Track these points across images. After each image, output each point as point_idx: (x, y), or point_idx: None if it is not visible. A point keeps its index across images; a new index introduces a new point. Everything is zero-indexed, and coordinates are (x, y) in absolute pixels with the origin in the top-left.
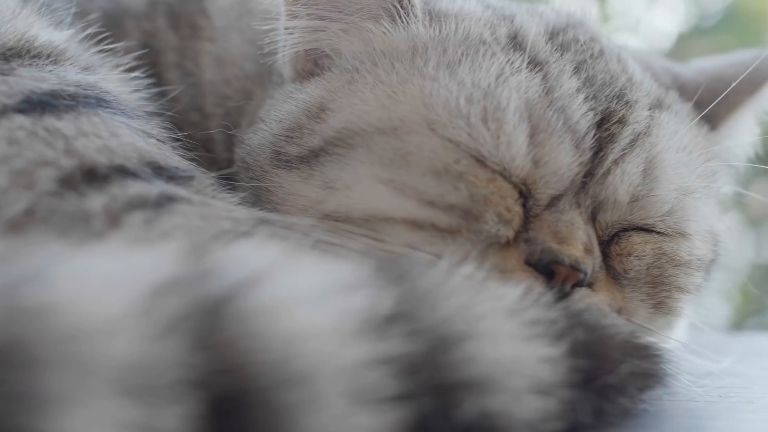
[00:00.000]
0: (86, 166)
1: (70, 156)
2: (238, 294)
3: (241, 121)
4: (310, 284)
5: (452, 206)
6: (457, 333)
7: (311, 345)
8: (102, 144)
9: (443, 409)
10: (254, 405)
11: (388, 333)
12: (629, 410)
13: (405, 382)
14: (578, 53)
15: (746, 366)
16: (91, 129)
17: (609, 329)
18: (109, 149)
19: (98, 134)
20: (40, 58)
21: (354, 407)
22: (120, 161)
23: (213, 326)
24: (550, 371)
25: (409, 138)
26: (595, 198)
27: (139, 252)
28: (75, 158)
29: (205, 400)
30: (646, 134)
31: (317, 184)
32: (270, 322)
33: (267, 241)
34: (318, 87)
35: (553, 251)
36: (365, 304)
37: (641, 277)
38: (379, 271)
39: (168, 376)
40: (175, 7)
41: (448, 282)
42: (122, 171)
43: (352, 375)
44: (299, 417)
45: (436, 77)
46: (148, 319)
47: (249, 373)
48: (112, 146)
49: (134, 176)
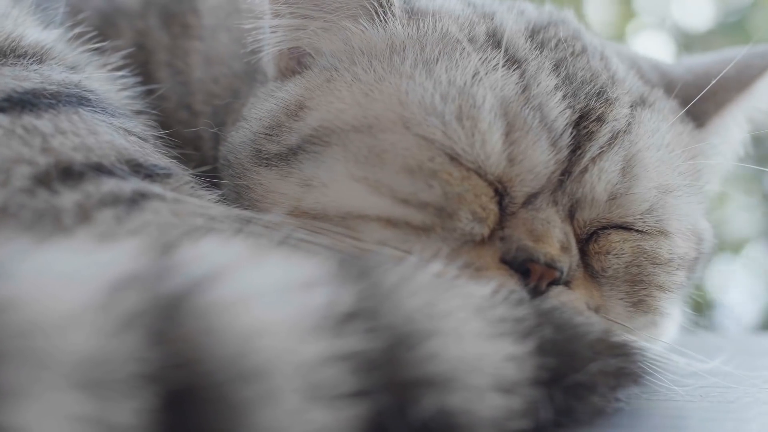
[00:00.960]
0: (62, 163)
1: (46, 154)
2: (196, 290)
3: (228, 119)
4: (270, 281)
5: (426, 204)
6: (420, 330)
7: (267, 341)
8: (79, 142)
9: (400, 406)
10: (209, 399)
11: (346, 330)
12: (602, 409)
13: (362, 379)
14: (558, 51)
15: (738, 366)
16: (70, 127)
17: (580, 327)
18: (87, 147)
19: (76, 132)
20: (25, 57)
21: (309, 403)
22: (96, 159)
23: (170, 322)
24: (514, 369)
25: (384, 136)
26: (572, 196)
27: (101, 248)
28: (51, 156)
29: (159, 395)
30: (626, 132)
31: (295, 182)
32: (227, 319)
33: (232, 238)
34: (298, 85)
35: (528, 249)
36: (324, 302)
37: (620, 276)
38: (341, 268)
39: (123, 370)
40: (168, 6)
41: (413, 279)
42: (98, 168)
43: (308, 371)
44: (254, 412)
45: (412, 75)
46: (106, 314)
47: (204, 368)
48: (90, 144)
49: (110, 174)
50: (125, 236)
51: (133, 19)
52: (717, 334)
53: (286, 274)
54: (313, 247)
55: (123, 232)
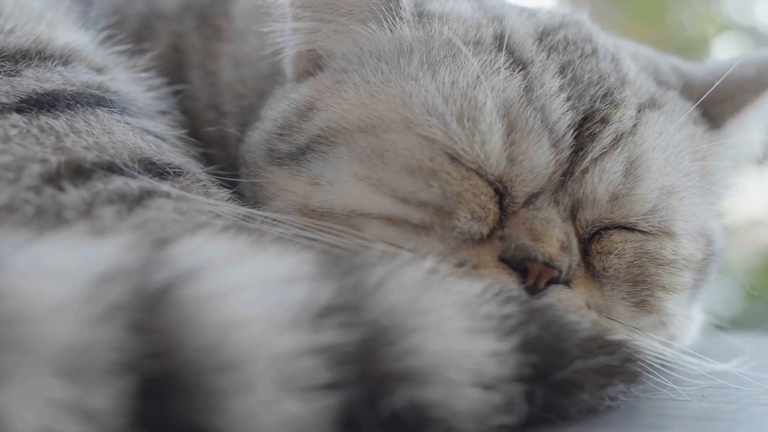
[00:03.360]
0: (73, 162)
1: (58, 152)
2: (179, 284)
3: (251, 120)
4: (252, 276)
5: (424, 203)
6: (402, 326)
7: (244, 333)
8: (93, 141)
9: (371, 398)
10: (185, 387)
11: (324, 324)
12: (594, 407)
13: (337, 372)
14: (567, 53)
15: (753, 369)
16: (85, 127)
17: (569, 325)
18: (100, 146)
19: (91, 132)
20: (51, 59)
21: (282, 394)
22: (108, 158)
23: (151, 313)
24: (496, 366)
25: (387, 136)
26: (573, 196)
27: (93, 243)
28: (63, 154)
29: (136, 382)
30: (631, 133)
31: (304, 180)
32: (206, 311)
33: (222, 234)
34: (309, 87)
35: (526, 248)
36: (303, 297)
37: (621, 276)
38: (326, 264)
39: (102, 359)
40: (204, 9)
41: (399, 276)
42: (109, 167)
43: (283, 363)
44: (228, 401)
45: (416, 77)
46: (91, 306)
47: (181, 357)
48: (103, 143)
49: (119, 172)
50: (125, 232)
51: (170, 22)
52: (740, 335)
53: (269, 269)
54: (310, 244)
55: (124, 228)
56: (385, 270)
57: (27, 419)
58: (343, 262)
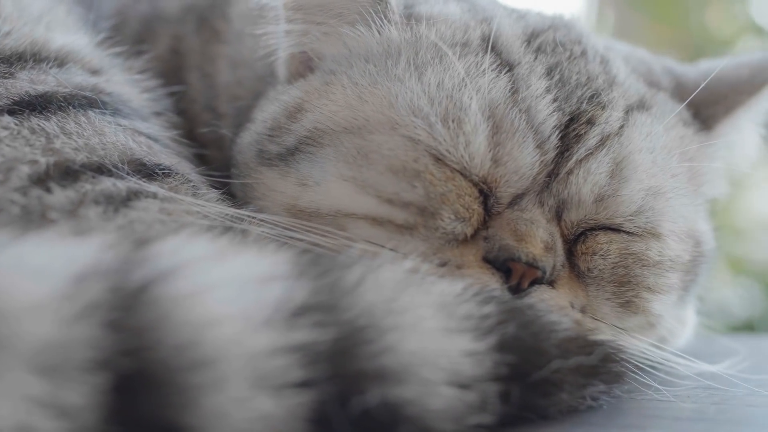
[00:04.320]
0: (62, 163)
1: (47, 153)
2: (156, 283)
3: (246, 121)
4: (229, 275)
5: (408, 204)
6: (378, 325)
7: (218, 332)
8: (83, 143)
9: (343, 396)
10: (159, 384)
11: (298, 323)
12: (573, 406)
13: (310, 370)
14: (555, 55)
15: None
16: (76, 129)
17: (548, 325)
18: (90, 147)
19: (81, 134)
20: (46, 61)
21: (256, 391)
22: (97, 159)
23: (127, 312)
24: (472, 365)
25: (372, 137)
26: (558, 197)
27: (74, 243)
28: (53, 156)
29: (110, 379)
30: (618, 135)
31: (293, 181)
32: (181, 309)
33: (202, 234)
34: (299, 89)
35: (509, 248)
36: (279, 296)
37: (605, 276)
38: (303, 264)
39: (78, 356)
40: (203, 11)
41: (377, 276)
42: (98, 168)
43: (257, 361)
44: (202, 398)
45: (403, 79)
46: (69, 304)
47: (156, 355)
48: (93, 145)
49: (108, 173)
50: (108, 232)
51: (170, 24)
52: (734, 337)
53: (246, 269)
54: (295, 244)
55: (109, 228)
56: (363, 270)
57: (3, 414)
58: (321, 262)
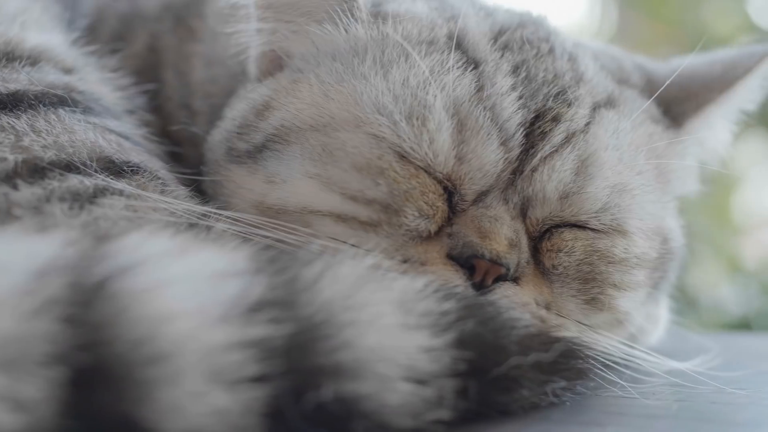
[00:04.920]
0: (30, 161)
1: (16, 151)
2: (114, 278)
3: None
4: (188, 271)
5: (372, 201)
6: (336, 320)
7: (174, 327)
8: (52, 140)
9: (297, 391)
10: (116, 378)
11: (254, 319)
12: (535, 402)
13: (266, 365)
14: (522, 52)
15: (716, 368)
16: (45, 126)
17: (508, 322)
18: (59, 145)
19: (50, 131)
20: (19, 60)
21: (211, 386)
22: (66, 156)
23: (85, 307)
24: (429, 361)
25: (337, 134)
26: (523, 194)
27: (36, 239)
28: (21, 153)
29: (67, 373)
30: (583, 132)
31: (261, 178)
32: (139, 305)
33: (163, 231)
34: (268, 87)
35: (473, 245)
36: (236, 291)
37: (570, 273)
38: (262, 260)
39: (36, 351)
40: (180, 10)
41: (335, 272)
42: (66, 165)
43: (212, 356)
44: (157, 391)
45: (368, 77)
46: (29, 299)
47: (113, 349)
48: (62, 142)
49: (76, 170)
50: (73, 228)
51: (149, 22)
52: (707, 334)
53: (205, 265)
54: (261, 241)
55: (74, 224)
56: (322, 266)
57: None
58: (280, 259)
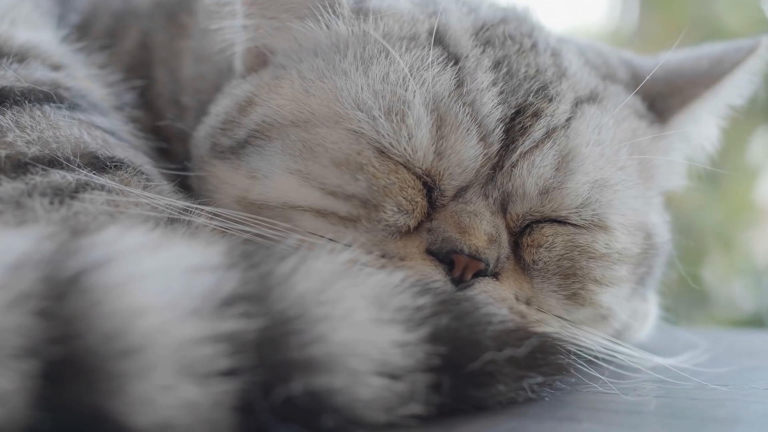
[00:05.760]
0: (13, 156)
1: (1, 147)
2: (88, 272)
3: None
4: (161, 266)
5: (351, 196)
6: (309, 315)
7: (146, 321)
8: (36, 136)
9: (267, 385)
10: (87, 371)
11: (226, 313)
12: (511, 398)
13: (236, 359)
14: (504, 48)
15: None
16: (30, 122)
17: (485, 317)
18: (43, 141)
19: (35, 127)
20: (6, 57)
21: (181, 379)
22: (49, 152)
23: (58, 301)
24: (402, 356)
25: (317, 130)
26: (503, 189)
27: (11, 233)
28: (5, 149)
29: (39, 366)
30: (564, 127)
31: (243, 174)
32: (111, 299)
33: (143, 225)
34: (251, 83)
35: (452, 240)
36: (209, 286)
37: (551, 269)
38: (236, 255)
39: (8, 344)
40: (172, 7)
41: (309, 267)
42: (50, 161)
43: (183, 350)
44: (128, 384)
45: (349, 73)
46: (3, 293)
47: (85, 342)
48: (47, 138)
49: (59, 166)
50: (52, 223)
51: (141, 19)
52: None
53: (178, 260)
54: (242, 236)
55: (52, 219)
56: (297, 261)
57: None
58: (254, 253)
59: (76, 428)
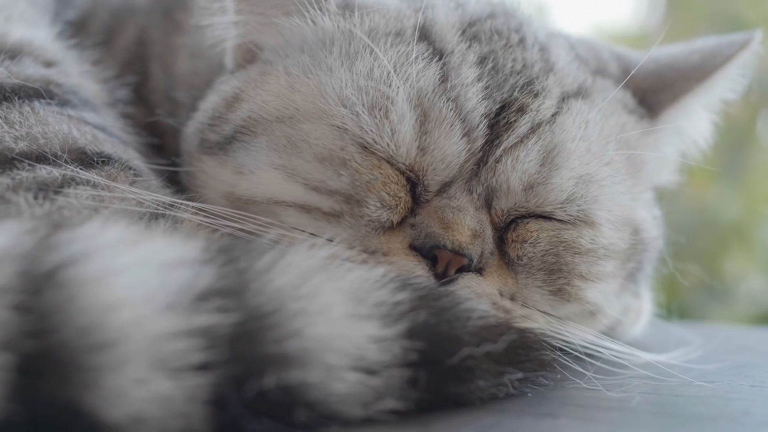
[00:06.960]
0: (1, 152)
1: None
2: (64, 267)
3: None
4: (138, 260)
5: (334, 191)
6: (285, 310)
7: (121, 315)
8: (24, 132)
9: (241, 379)
10: (62, 364)
11: (201, 308)
12: (492, 393)
13: (210, 353)
14: (490, 43)
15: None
16: (19, 118)
17: (464, 313)
18: (31, 137)
19: (24, 123)
20: None
21: (155, 373)
22: (36, 147)
23: (34, 295)
24: (378, 351)
25: (301, 126)
26: (487, 185)
27: None
28: None
29: (13, 359)
30: (550, 122)
31: (230, 169)
32: (86, 293)
33: (123, 220)
34: (238, 79)
35: (435, 236)
36: (185, 280)
37: (535, 264)
38: (213, 250)
39: None
40: (170, 3)
41: (287, 261)
42: (37, 156)
43: (157, 344)
44: (102, 378)
45: (333, 68)
46: None
47: (60, 336)
48: (35, 134)
49: (46, 161)
50: (32, 217)
51: (139, 15)
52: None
53: (155, 254)
54: (228, 231)
55: (36, 213)
56: (274, 255)
57: None
58: (232, 248)
59: (51, 421)
